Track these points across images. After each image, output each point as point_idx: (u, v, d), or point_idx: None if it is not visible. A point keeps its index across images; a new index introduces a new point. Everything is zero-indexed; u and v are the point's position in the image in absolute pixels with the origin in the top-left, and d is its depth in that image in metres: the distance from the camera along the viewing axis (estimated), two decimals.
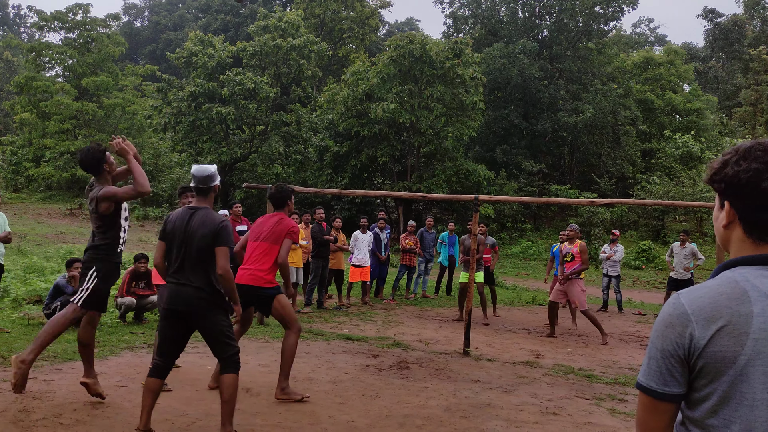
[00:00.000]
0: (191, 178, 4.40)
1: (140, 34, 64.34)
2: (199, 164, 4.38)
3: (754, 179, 1.43)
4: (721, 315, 1.39)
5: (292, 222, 5.63)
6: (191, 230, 4.22)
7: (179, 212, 4.38)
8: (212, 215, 4.29)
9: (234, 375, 4.27)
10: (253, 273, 5.41)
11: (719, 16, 50.66)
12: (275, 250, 5.46)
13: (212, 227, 4.20)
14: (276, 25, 28.18)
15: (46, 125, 32.17)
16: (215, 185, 4.41)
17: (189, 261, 4.21)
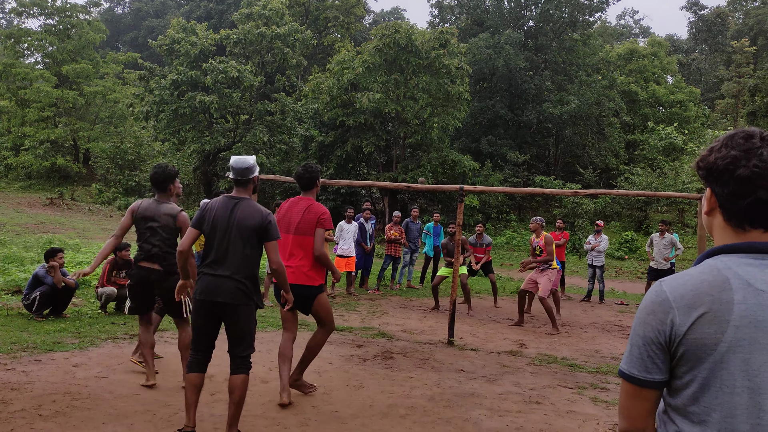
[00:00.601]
0: (230, 170, 4.29)
1: (121, 21, 63.50)
2: (238, 156, 4.29)
3: (731, 166, 1.44)
4: (703, 302, 1.39)
5: (321, 207, 5.17)
6: (235, 220, 4.10)
7: (220, 201, 4.24)
8: (258, 207, 4.19)
9: (246, 376, 4.16)
10: (294, 271, 5.00)
11: (703, 8, 51.04)
12: (311, 241, 5.07)
13: (260, 219, 4.10)
14: (260, 13, 27.92)
15: (26, 113, 31.72)
16: (255, 176, 4.30)
17: (231, 253, 4.08)
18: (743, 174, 1.42)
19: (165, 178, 5.17)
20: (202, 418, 4.59)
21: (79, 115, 33.49)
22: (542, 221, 9.81)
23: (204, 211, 4.23)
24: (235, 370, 4.16)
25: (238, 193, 4.27)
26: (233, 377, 4.14)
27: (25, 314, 7.99)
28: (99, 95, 32.79)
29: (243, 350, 4.16)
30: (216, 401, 5.02)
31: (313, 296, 5.10)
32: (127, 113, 31.57)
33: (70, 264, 10.84)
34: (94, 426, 4.30)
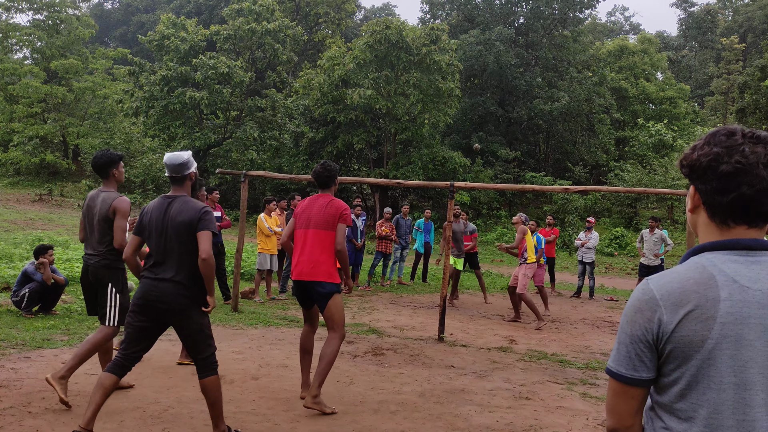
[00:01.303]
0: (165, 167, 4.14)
1: (111, 16, 63.02)
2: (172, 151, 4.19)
3: (714, 162, 1.45)
4: (689, 300, 1.40)
5: (342, 203, 5.02)
6: (170, 219, 3.96)
7: (155, 203, 4.11)
8: (192, 202, 4.04)
9: (215, 377, 4.05)
10: (313, 266, 4.86)
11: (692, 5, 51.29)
12: (331, 237, 4.92)
13: (193, 213, 3.95)
14: (250, 9, 27.80)
15: (14, 109, 31.48)
16: (191, 173, 4.13)
17: (169, 253, 3.94)
18: (726, 170, 1.43)
19: (106, 162, 4.83)
20: (193, 415, 4.59)
21: (68, 110, 33.27)
22: (526, 218, 10.03)
23: (142, 215, 4.09)
24: (201, 374, 4.04)
25: (174, 192, 4.11)
26: (201, 381, 4.03)
27: (14, 311, 7.95)
28: (88, 91, 32.57)
29: (201, 352, 4.01)
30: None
31: (330, 294, 4.90)
32: (117, 109, 31.38)
33: (59, 261, 10.79)
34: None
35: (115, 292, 4.76)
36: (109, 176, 4.85)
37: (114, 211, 4.71)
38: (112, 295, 4.74)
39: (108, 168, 4.83)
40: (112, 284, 4.75)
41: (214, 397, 4.02)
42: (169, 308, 3.92)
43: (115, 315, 4.76)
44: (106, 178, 4.85)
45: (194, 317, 3.97)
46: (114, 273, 4.77)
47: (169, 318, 3.97)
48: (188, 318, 3.95)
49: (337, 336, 4.93)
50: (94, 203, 4.78)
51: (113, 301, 4.75)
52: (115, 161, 4.85)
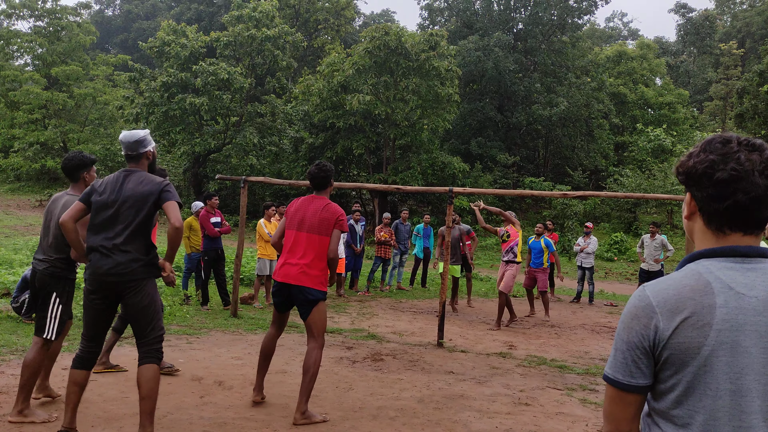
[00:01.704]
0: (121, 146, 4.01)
1: (112, 23, 63.16)
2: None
3: (710, 169, 1.46)
4: (686, 306, 1.41)
5: (338, 209, 4.84)
6: (127, 192, 3.81)
7: (111, 176, 3.96)
8: (151, 176, 3.92)
9: (156, 367, 3.79)
10: (302, 270, 4.68)
11: (691, 11, 51.42)
12: (324, 242, 4.73)
13: (155, 185, 3.83)
14: (250, 15, 27.88)
15: (15, 115, 31.52)
16: (147, 151, 3.99)
17: (122, 224, 3.77)
18: (721, 177, 1.44)
19: (78, 166, 4.57)
20: (192, 421, 4.59)
21: (68, 117, 33.32)
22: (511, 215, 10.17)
23: (94, 185, 3.94)
24: (142, 360, 3.79)
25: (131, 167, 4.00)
26: (140, 368, 3.77)
27: (14, 317, 7.94)
28: (89, 97, 32.63)
29: (149, 332, 3.81)
30: (205, 404, 5.01)
31: (316, 301, 4.75)
32: (117, 115, 31.44)
33: None
34: (84, 429, 4.28)
35: (59, 303, 4.43)
36: (79, 180, 4.60)
37: None
38: (54, 306, 4.41)
39: (78, 171, 4.58)
40: (57, 294, 4.43)
41: (148, 390, 3.76)
42: (120, 279, 3.75)
43: (54, 327, 4.42)
44: (76, 182, 4.59)
45: (146, 289, 3.81)
46: (61, 283, 4.46)
47: (121, 289, 3.78)
48: (142, 292, 3.78)
49: (318, 345, 4.78)
50: (56, 206, 4.51)
51: (54, 312, 4.41)
52: (86, 164, 4.60)
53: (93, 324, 3.91)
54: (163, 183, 3.88)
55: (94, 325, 3.91)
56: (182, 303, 9.80)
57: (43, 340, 4.42)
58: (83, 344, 3.94)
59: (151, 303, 3.84)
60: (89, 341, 3.93)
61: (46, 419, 4.34)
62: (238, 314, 9.07)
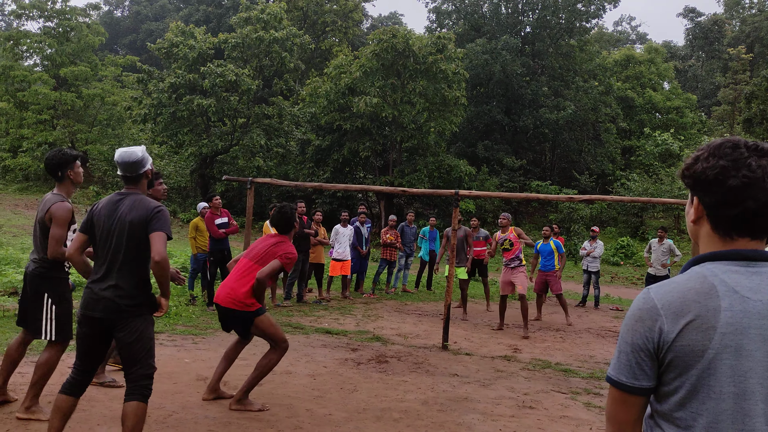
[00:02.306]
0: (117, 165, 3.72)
1: (120, 24, 63.48)
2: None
3: (721, 176, 1.45)
4: (690, 309, 1.41)
5: (290, 248, 5.08)
6: (119, 218, 3.56)
7: (106, 200, 3.70)
8: (144, 200, 3.63)
9: (143, 404, 3.56)
10: (229, 293, 4.93)
11: (699, 15, 51.27)
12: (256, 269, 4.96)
13: (145, 212, 3.54)
14: (258, 17, 27.99)
15: (24, 115, 31.69)
16: (146, 170, 3.71)
17: (116, 257, 3.54)
18: (734, 184, 1.43)
19: (60, 163, 4.37)
20: (197, 421, 4.61)
21: (77, 117, 33.47)
22: (509, 217, 9.85)
23: (92, 212, 3.69)
24: (129, 396, 3.55)
25: (127, 189, 3.72)
26: (126, 404, 3.53)
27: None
28: (97, 98, 32.78)
29: (138, 369, 3.57)
30: (210, 403, 5.03)
31: (249, 319, 4.95)
32: (125, 116, 31.59)
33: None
34: (89, 427, 4.31)
35: (51, 303, 4.31)
36: (64, 178, 4.39)
37: (50, 218, 4.24)
38: (47, 307, 4.31)
39: (61, 169, 4.37)
40: (48, 295, 4.32)
41: (131, 427, 3.50)
42: (111, 318, 3.51)
43: (52, 328, 4.31)
44: (61, 181, 4.39)
45: (134, 326, 3.53)
46: (50, 283, 4.34)
47: (112, 327, 3.55)
48: (132, 330, 3.52)
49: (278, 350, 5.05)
50: (42, 206, 4.36)
51: (48, 314, 4.30)
52: (69, 161, 4.39)
53: (84, 354, 3.67)
54: (152, 210, 3.57)
55: (85, 355, 3.67)
56: (188, 303, 9.83)
57: (49, 341, 4.37)
58: (74, 371, 3.70)
59: (138, 340, 3.54)
60: (80, 370, 3.69)
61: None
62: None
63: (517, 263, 9.56)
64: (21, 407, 4.33)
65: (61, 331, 4.36)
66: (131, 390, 3.56)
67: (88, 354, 3.66)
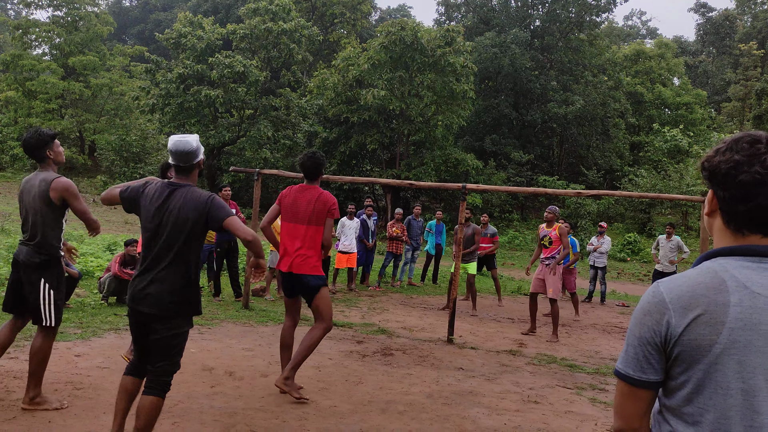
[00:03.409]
0: (169, 154, 3.56)
1: (129, 14, 63.55)
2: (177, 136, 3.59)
3: (734, 170, 1.44)
4: (699, 304, 1.40)
5: (330, 198, 5.07)
6: (171, 211, 3.44)
7: (155, 188, 3.54)
8: (195, 192, 3.51)
9: (161, 400, 3.50)
10: (302, 261, 4.95)
11: (711, 10, 50.88)
12: (319, 232, 5.01)
13: (200, 205, 3.44)
14: (267, 8, 27.94)
15: (32, 104, 31.80)
16: (199, 161, 3.58)
17: (165, 250, 3.43)
18: (744, 179, 1.42)
19: (37, 144, 4.24)
20: (203, 410, 4.62)
21: (85, 107, 33.58)
22: (557, 211, 9.02)
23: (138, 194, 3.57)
24: (148, 390, 3.49)
25: (178, 180, 3.59)
26: (143, 397, 3.47)
27: None
28: (105, 87, 32.85)
29: (164, 366, 3.50)
30: (216, 393, 5.05)
31: (317, 287, 5.04)
32: (133, 106, 31.63)
33: None
34: (95, 415, 4.33)
35: (49, 288, 4.27)
36: (45, 158, 4.27)
37: (60, 197, 4.18)
38: (45, 292, 4.25)
39: (40, 149, 4.25)
40: (45, 279, 4.26)
41: (144, 422, 3.44)
42: (154, 314, 3.44)
43: (51, 313, 4.28)
44: (42, 161, 4.28)
45: (178, 327, 3.49)
46: (47, 267, 4.27)
47: (152, 323, 3.48)
48: (172, 327, 3.47)
49: (322, 327, 5.05)
50: (31, 186, 4.23)
51: (47, 299, 4.26)
52: (46, 141, 4.25)
53: (136, 340, 3.65)
54: (208, 200, 3.47)
55: (137, 341, 3.65)
56: None
57: (42, 326, 4.32)
58: (134, 354, 3.71)
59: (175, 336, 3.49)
60: (138, 355, 3.67)
61: (59, 406, 4.38)
62: (249, 306, 9.12)
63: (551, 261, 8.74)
64: (25, 398, 4.32)
65: (58, 315, 4.34)
66: (152, 384, 3.49)
67: (137, 341, 3.63)
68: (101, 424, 4.19)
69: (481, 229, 11.35)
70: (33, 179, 4.26)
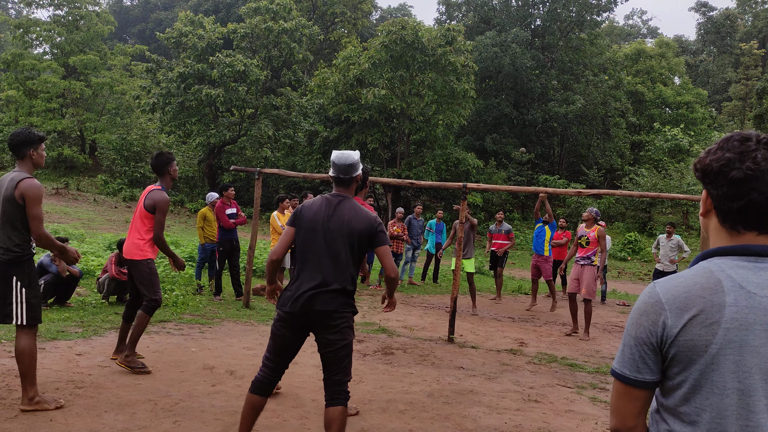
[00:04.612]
0: (331, 166, 3.71)
1: (130, 13, 63.51)
2: (339, 150, 3.74)
3: (725, 168, 1.45)
4: (695, 304, 1.41)
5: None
6: (342, 221, 3.54)
7: (320, 199, 3.66)
8: (365, 210, 3.64)
9: (345, 408, 3.52)
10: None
11: (712, 9, 50.84)
12: None
13: (370, 223, 3.55)
14: (267, 8, 27.95)
15: (33, 103, 31.82)
16: (358, 174, 3.73)
17: (333, 257, 3.52)
18: (736, 176, 1.43)
19: (24, 141, 4.28)
20: (204, 409, 4.64)
21: (86, 106, 33.59)
22: (596, 212, 9.21)
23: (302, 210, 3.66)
24: (331, 401, 3.52)
25: (339, 192, 3.71)
26: (328, 410, 3.50)
27: None
28: (106, 87, 32.87)
29: (342, 373, 3.55)
30: (217, 392, 5.06)
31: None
32: (134, 105, 31.67)
33: None
34: (97, 414, 4.35)
35: (21, 286, 4.24)
36: (25, 157, 4.30)
37: (22, 196, 4.14)
38: (17, 291, 4.23)
39: (24, 147, 4.29)
40: (17, 278, 4.23)
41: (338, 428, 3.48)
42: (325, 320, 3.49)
43: (23, 312, 4.23)
44: (22, 159, 4.30)
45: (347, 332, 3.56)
46: (19, 266, 4.24)
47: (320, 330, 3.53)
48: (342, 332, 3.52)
49: None
50: (1, 185, 4.24)
51: (19, 297, 4.23)
52: (33, 141, 4.30)
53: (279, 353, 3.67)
54: (376, 221, 3.61)
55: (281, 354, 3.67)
56: (195, 293, 9.88)
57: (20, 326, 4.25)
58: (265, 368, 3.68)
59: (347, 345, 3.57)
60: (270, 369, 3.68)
61: (57, 405, 4.37)
62: (250, 305, 9.13)
63: (587, 263, 8.94)
64: (23, 399, 4.29)
65: (32, 314, 4.27)
66: (337, 394, 3.53)
67: (282, 354, 3.64)
68: (103, 422, 4.21)
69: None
70: (4, 178, 4.27)
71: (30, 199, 4.13)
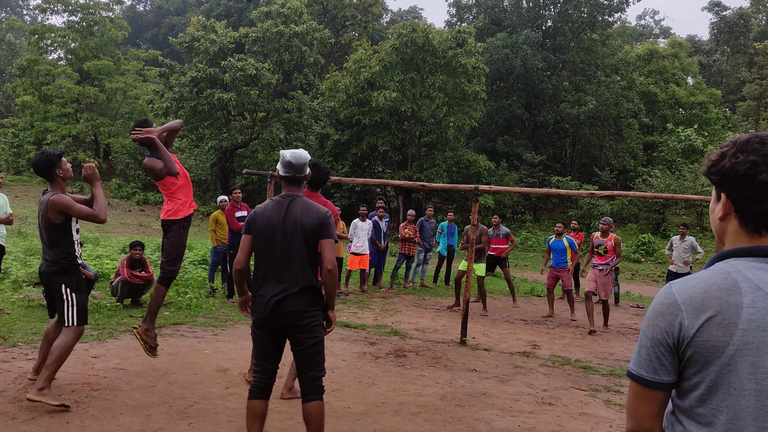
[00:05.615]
0: (284, 166, 3.72)
1: (143, 19, 64.01)
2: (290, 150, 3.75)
3: (752, 171, 1.45)
4: (711, 305, 1.40)
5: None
6: (295, 220, 3.59)
7: (271, 203, 3.71)
8: (314, 203, 3.71)
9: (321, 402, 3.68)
10: None
11: (725, 9, 50.41)
12: None
13: (319, 217, 3.61)
14: (279, 12, 28.05)
15: (48, 108, 32.11)
16: (308, 174, 3.82)
17: (292, 258, 3.58)
18: (765, 180, 1.43)
19: (46, 165, 4.59)
20: (218, 411, 4.67)
21: (100, 110, 33.87)
22: (611, 222, 10.03)
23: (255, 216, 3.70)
24: (308, 396, 3.66)
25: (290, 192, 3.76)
26: (306, 405, 3.65)
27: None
28: (120, 91, 33.14)
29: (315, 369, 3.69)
30: (231, 395, 5.09)
31: None
32: (147, 109, 31.84)
33: (89, 257, 11.01)
34: (112, 416, 4.39)
35: (70, 291, 4.62)
36: (54, 177, 4.62)
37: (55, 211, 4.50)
38: (67, 295, 4.61)
39: (50, 171, 4.60)
40: (66, 285, 4.61)
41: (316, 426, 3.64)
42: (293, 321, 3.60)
43: (74, 314, 4.61)
44: (52, 180, 4.64)
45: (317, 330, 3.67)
46: (65, 275, 4.64)
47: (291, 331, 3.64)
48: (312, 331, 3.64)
49: None
50: (40, 207, 4.62)
51: (70, 301, 4.60)
52: (53, 162, 4.59)
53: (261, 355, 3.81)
54: (326, 214, 3.66)
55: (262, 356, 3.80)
56: (208, 295, 9.93)
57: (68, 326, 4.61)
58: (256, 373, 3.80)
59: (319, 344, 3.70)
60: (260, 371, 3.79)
61: (64, 405, 4.40)
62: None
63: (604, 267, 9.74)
64: (33, 388, 4.44)
65: (81, 316, 4.65)
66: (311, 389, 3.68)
67: (266, 358, 3.76)
68: (118, 424, 4.24)
69: (487, 229, 11.37)
70: (40, 202, 4.65)
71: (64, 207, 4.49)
